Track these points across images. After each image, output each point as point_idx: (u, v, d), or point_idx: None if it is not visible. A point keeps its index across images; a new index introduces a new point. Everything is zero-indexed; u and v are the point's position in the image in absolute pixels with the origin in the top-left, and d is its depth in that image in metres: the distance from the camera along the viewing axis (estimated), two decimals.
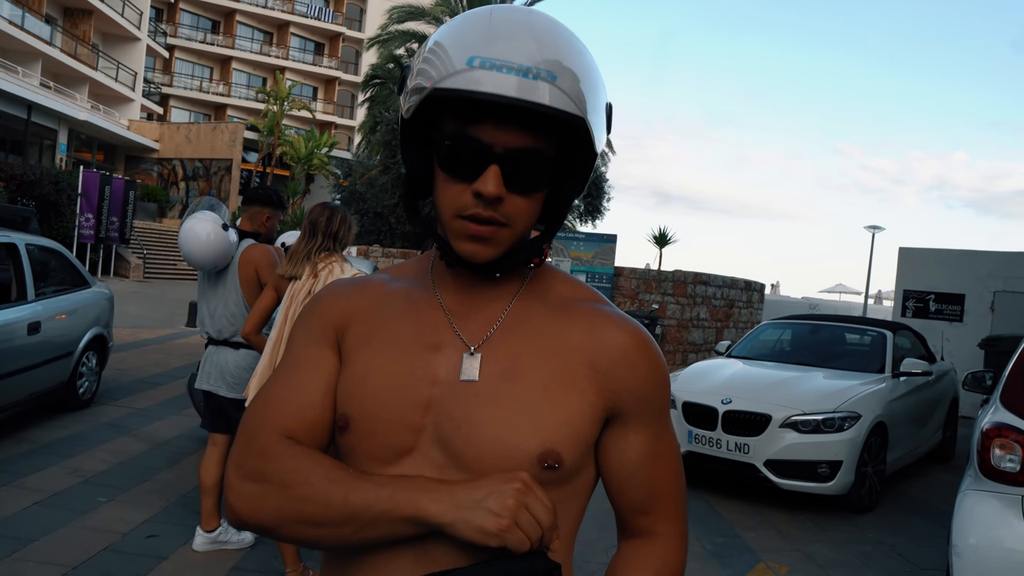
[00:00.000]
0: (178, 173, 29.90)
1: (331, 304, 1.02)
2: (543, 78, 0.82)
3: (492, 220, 0.87)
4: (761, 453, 5.28)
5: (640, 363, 0.95)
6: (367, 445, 0.92)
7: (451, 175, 0.88)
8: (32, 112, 23.00)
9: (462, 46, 0.84)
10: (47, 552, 3.48)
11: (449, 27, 0.89)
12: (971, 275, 10.95)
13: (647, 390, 0.96)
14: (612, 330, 0.96)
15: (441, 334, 0.95)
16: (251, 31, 39.10)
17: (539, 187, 0.90)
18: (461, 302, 0.97)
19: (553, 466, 0.89)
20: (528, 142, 0.86)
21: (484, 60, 0.82)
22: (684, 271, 13.20)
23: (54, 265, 6.13)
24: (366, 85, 22.03)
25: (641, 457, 0.97)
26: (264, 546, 3.77)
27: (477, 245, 0.89)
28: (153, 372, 8.08)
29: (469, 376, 0.92)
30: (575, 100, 0.84)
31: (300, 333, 1.02)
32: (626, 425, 0.96)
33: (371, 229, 16.78)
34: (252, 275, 3.64)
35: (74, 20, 27.76)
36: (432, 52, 0.87)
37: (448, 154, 0.88)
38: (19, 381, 5.17)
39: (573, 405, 0.92)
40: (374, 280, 1.04)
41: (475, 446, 0.89)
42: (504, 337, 0.95)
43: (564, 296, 1.00)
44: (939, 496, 6.00)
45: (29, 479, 4.43)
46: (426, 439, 0.91)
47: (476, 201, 0.87)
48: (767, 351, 7.10)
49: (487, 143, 0.86)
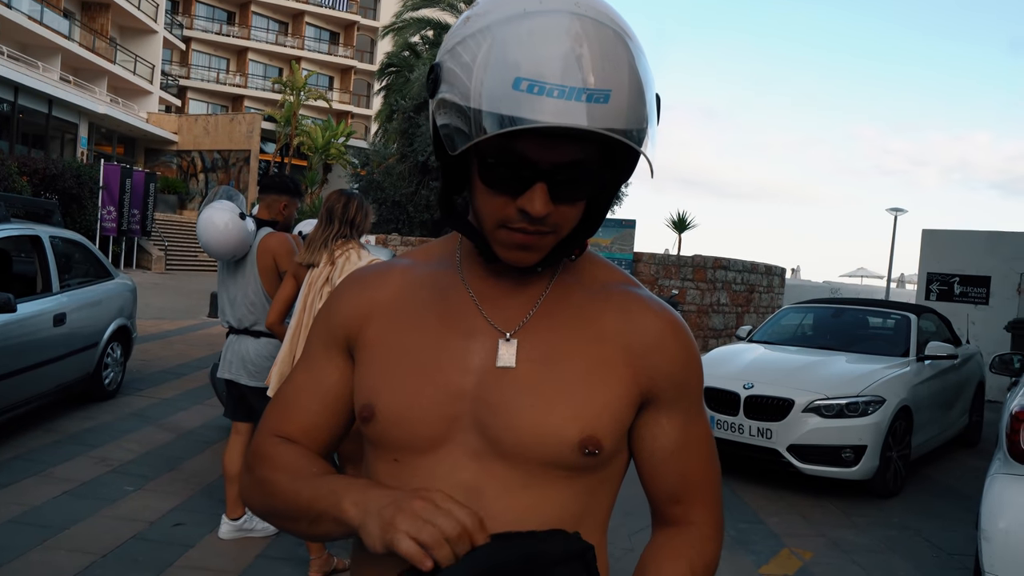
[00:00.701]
0: (197, 165, 30.11)
1: (348, 301, 1.00)
2: (596, 99, 0.75)
3: (537, 231, 0.85)
4: (784, 438, 5.24)
5: (675, 348, 0.95)
6: (397, 434, 0.91)
7: (494, 189, 0.85)
8: (53, 106, 23.24)
9: (504, 63, 0.76)
10: (77, 540, 3.54)
11: (486, 29, 0.79)
12: (997, 257, 10.76)
13: (682, 375, 0.95)
14: (647, 314, 0.95)
15: (472, 320, 0.94)
16: (266, 21, 39.16)
17: (585, 196, 0.87)
18: (491, 287, 0.95)
19: (593, 452, 0.89)
20: (575, 155, 0.82)
21: (532, 84, 0.74)
22: (704, 256, 13.10)
23: (78, 257, 6.21)
24: (382, 73, 22.01)
25: (674, 443, 0.96)
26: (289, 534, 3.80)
27: (523, 252, 0.88)
28: (176, 362, 8.17)
29: (506, 363, 0.91)
30: (628, 115, 0.78)
31: (317, 329, 1.03)
32: (660, 410, 0.95)
33: (389, 218, 16.82)
34: (270, 263, 3.65)
35: (91, 14, 27.96)
36: (467, 63, 0.79)
37: (492, 170, 0.83)
38: (46, 372, 5.25)
39: (612, 390, 0.91)
40: (396, 266, 1.02)
41: (515, 432, 0.88)
42: (540, 322, 0.93)
43: (600, 279, 0.98)
44: (965, 480, 5.93)
45: (58, 469, 4.50)
46: (461, 427, 0.90)
47: (522, 217, 0.84)
48: (789, 336, 7.03)
49: (533, 160, 0.81)
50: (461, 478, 0.88)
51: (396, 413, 0.91)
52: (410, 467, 0.91)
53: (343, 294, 1.02)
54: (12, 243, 5.58)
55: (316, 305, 3.16)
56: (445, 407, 0.90)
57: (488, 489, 0.88)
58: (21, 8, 22.77)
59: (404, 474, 0.91)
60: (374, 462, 0.95)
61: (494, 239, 0.88)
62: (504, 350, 0.91)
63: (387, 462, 0.93)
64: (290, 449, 0.96)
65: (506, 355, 0.91)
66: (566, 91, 0.74)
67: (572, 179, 0.83)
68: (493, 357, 0.91)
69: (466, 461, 0.89)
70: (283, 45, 38.63)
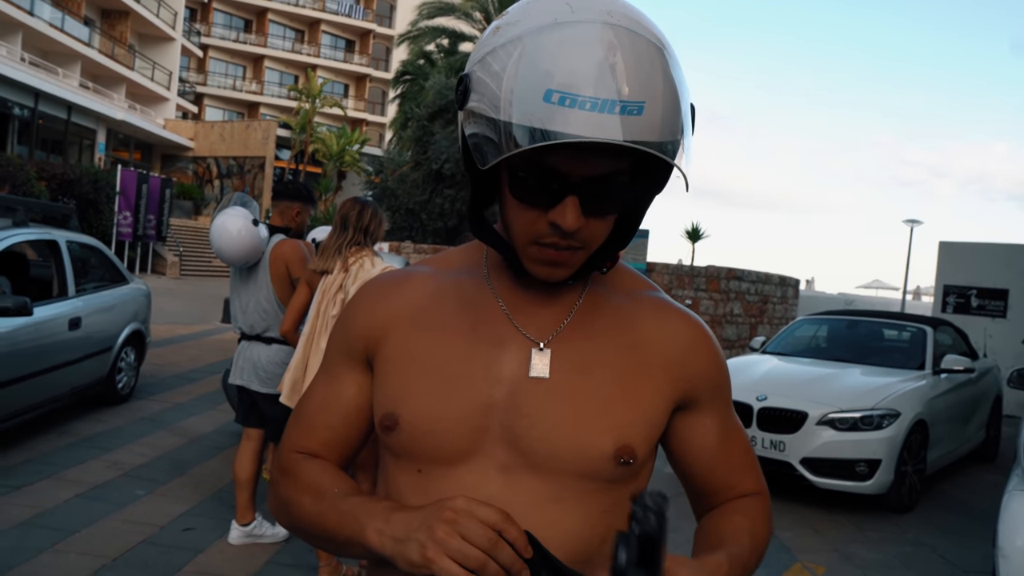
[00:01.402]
0: (212, 171, 30.36)
1: (365, 312, 0.99)
2: (630, 112, 0.73)
3: (569, 246, 0.84)
4: (797, 451, 5.19)
5: (707, 349, 0.97)
6: (422, 445, 0.90)
7: (525, 203, 0.83)
8: (72, 112, 23.53)
9: (535, 74, 0.74)
10: (87, 544, 3.55)
11: (516, 40, 0.77)
12: (1015, 270, 10.64)
13: (716, 375, 0.97)
14: (679, 319, 0.97)
15: (501, 330, 0.92)
16: (283, 29, 39.55)
17: (616, 211, 0.86)
18: (521, 297, 0.94)
19: (628, 461, 0.88)
20: (607, 168, 0.80)
21: (563, 96, 0.72)
22: (717, 266, 13.04)
23: (93, 262, 6.26)
24: (397, 82, 22.15)
25: (719, 438, 0.98)
26: (298, 540, 3.80)
27: (552, 269, 0.87)
28: (189, 368, 8.21)
29: (539, 373, 0.89)
30: (663, 128, 0.75)
31: (335, 341, 1.02)
32: (701, 411, 0.97)
33: (403, 225, 16.87)
34: (283, 270, 3.66)
35: (111, 21, 28.33)
36: (498, 73, 0.77)
37: (523, 183, 0.82)
38: (61, 375, 5.29)
39: (647, 399, 0.91)
40: (416, 274, 1.00)
41: (549, 444, 0.87)
42: (574, 331, 0.93)
43: (626, 287, 0.98)
44: (982, 496, 5.85)
45: (70, 471, 4.53)
46: (490, 439, 0.88)
47: (553, 231, 0.82)
48: (803, 347, 6.98)
49: (564, 173, 0.79)
50: (488, 491, 0.86)
51: (422, 423, 0.89)
52: (435, 479, 0.89)
53: (360, 304, 1.00)
54: (30, 247, 5.63)
55: (330, 312, 3.17)
56: (474, 418, 0.88)
57: (516, 503, 0.85)
58: (43, 16, 23.12)
59: (428, 486, 0.89)
60: (395, 473, 0.93)
61: (525, 255, 0.87)
62: (537, 360, 0.90)
63: (410, 473, 0.91)
64: (312, 467, 0.95)
65: (540, 365, 0.89)
66: (599, 103, 0.72)
67: (603, 193, 0.81)
68: (525, 367, 0.90)
69: (494, 474, 0.88)
70: (299, 53, 38.99)
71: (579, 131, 0.72)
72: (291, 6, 38.81)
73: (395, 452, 0.93)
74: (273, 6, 38.39)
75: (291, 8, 38.76)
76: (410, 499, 0.90)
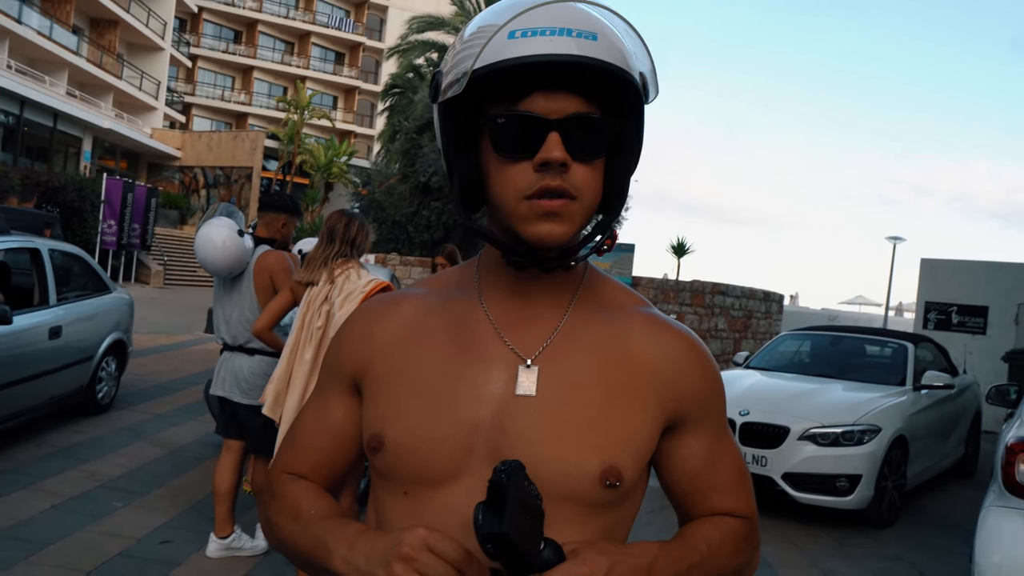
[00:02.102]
0: (199, 181, 30.22)
1: (354, 335, 0.99)
2: (586, 37, 0.81)
3: (562, 191, 0.83)
4: (779, 466, 5.21)
5: (699, 366, 0.94)
6: (408, 466, 0.88)
7: (509, 155, 0.84)
8: (58, 120, 23.38)
9: (497, 25, 0.83)
10: (62, 556, 3.50)
11: (480, 17, 0.87)
12: (995, 287, 10.77)
13: (708, 393, 0.94)
14: (670, 336, 0.94)
15: (490, 347, 0.91)
16: (273, 41, 39.56)
17: (598, 151, 0.86)
18: (511, 311, 0.93)
19: (614, 484, 0.86)
20: (581, 107, 0.84)
21: (524, 30, 0.81)
22: (702, 281, 13.11)
23: (76, 270, 6.21)
24: (386, 95, 22.17)
25: (703, 461, 0.95)
26: (277, 554, 3.76)
27: (551, 224, 0.84)
28: (171, 378, 8.15)
29: (526, 391, 0.87)
30: (620, 57, 0.83)
31: (326, 362, 1.03)
32: (688, 431, 0.94)
33: (389, 237, 16.84)
34: (267, 281, 3.65)
35: (100, 30, 28.22)
36: (468, 40, 0.85)
37: (503, 133, 0.84)
38: (40, 385, 5.23)
39: (635, 419, 0.89)
40: (408, 296, 0.99)
41: (534, 464, 0.83)
42: (562, 348, 0.90)
43: (617, 302, 0.96)
44: (961, 512, 5.89)
45: (47, 482, 4.47)
46: (477, 459, 0.86)
47: (542, 174, 0.83)
48: (786, 362, 7.02)
49: (541, 114, 0.83)
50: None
51: (407, 444, 0.88)
52: (421, 501, 0.88)
53: (350, 328, 1.00)
54: (11, 255, 5.59)
55: (314, 323, 3.16)
56: (460, 438, 0.87)
57: None
58: (31, 23, 23.00)
59: (415, 509, 0.88)
60: (383, 496, 0.92)
61: (518, 217, 0.85)
62: (524, 377, 0.88)
63: (396, 495, 0.90)
64: (295, 488, 0.96)
65: (526, 383, 0.88)
66: (557, 30, 0.81)
67: (584, 131, 0.84)
68: (512, 385, 0.88)
69: (479, 495, 0.84)
70: (289, 64, 38.99)
71: (544, 50, 0.80)
72: (281, 18, 38.84)
73: (382, 474, 0.92)
74: (263, 18, 38.41)
75: (281, 20, 38.79)
76: (397, 522, 0.88)
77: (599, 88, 0.85)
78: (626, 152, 0.90)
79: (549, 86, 0.83)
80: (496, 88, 0.84)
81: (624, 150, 0.90)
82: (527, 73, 0.82)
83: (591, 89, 0.84)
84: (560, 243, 0.86)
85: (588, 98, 0.84)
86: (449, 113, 0.87)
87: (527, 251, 0.87)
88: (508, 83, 0.83)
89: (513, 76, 0.82)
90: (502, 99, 0.84)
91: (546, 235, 0.84)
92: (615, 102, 0.87)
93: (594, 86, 0.84)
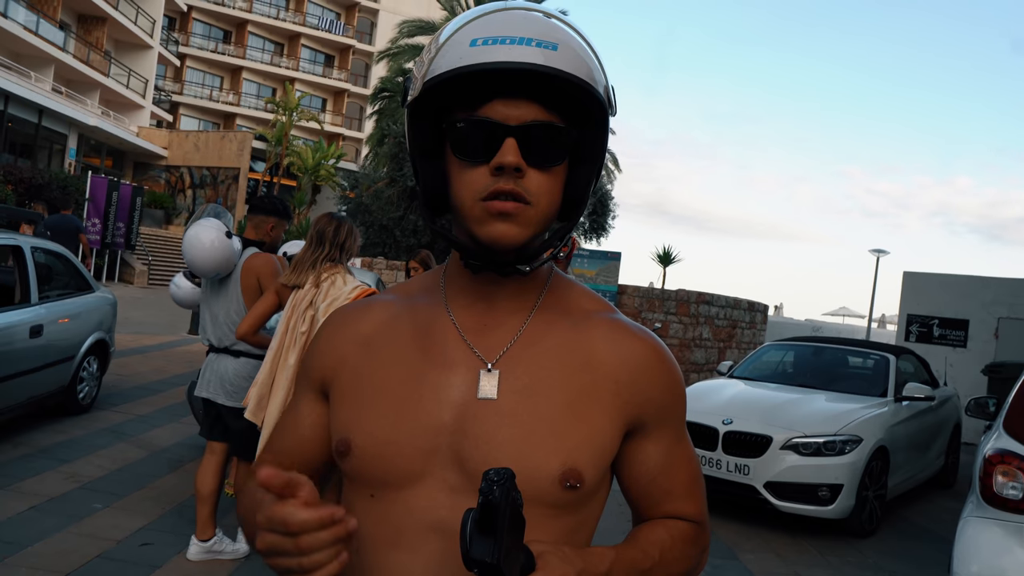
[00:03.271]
0: (185, 180, 30.01)
1: (324, 342, 1.01)
2: (546, 47, 0.84)
3: (515, 195, 0.85)
4: (761, 475, 5.24)
5: (660, 373, 0.95)
6: (373, 470, 0.90)
7: (467, 159, 0.87)
8: (43, 116, 23.15)
9: (463, 36, 0.86)
10: (41, 558, 3.46)
11: (447, 27, 0.90)
12: (976, 301, 10.91)
13: (667, 400, 0.96)
14: (632, 341, 0.95)
15: (453, 351, 0.92)
16: (262, 42, 39.41)
17: (557, 159, 0.88)
18: (475, 316, 0.94)
19: (575, 486, 0.87)
20: (540, 115, 0.86)
21: (486, 39, 0.84)
22: (687, 290, 13.18)
23: (59, 269, 6.15)
24: (375, 98, 22.14)
25: (659, 466, 0.96)
26: (258, 557, 3.74)
27: (503, 224, 0.86)
28: (154, 379, 8.07)
29: (487, 394, 0.89)
30: (578, 67, 0.85)
31: (300, 368, 1.07)
32: (646, 436, 0.95)
33: (376, 241, 16.81)
34: (254, 283, 3.64)
35: (88, 27, 28.00)
36: (434, 49, 0.88)
37: (462, 137, 0.87)
38: (19, 384, 5.17)
39: (596, 422, 0.90)
40: (378, 302, 1.02)
41: (494, 466, 0.85)
42: (524, 352, 0.92)
43: (583, 308, 0.98)
44: (940, 522, 5.95)
45: (25, 483, 4.42)
46: (439, 462, 0.88)
47: (495, 177, 0.85)
48: (769, 372, 7.07)
49: (499, 120, 0.85)
50: (438, 515, 0.86)
51: (372, 448, 0.89)
52: (387, 503, 0.89)
53: (321, 335, 1.03)
54: None
55: (299, 328, 3.16)
56: (423, 441, 0.88)
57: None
58: (17, 18, 22.77)
59: (380, 510, 0.89)
60: (351, 499, 0.94)
61: (473, 218, 0.87)
62: (485, 381, 0.89)
63: (364, 498, 0.91)
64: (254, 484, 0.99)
65: (487, 386, 0.89)
66: (518, 39, 0.83)
67: (541, 139, 0.86)
68: (475, 389, 0.89)
69: (443, 497, 0.87)
70: (278, 66, 38.85)
71: (505, 58, 0.82)
72: (271, 19, 38.70)
73: (350, 477, 0.94)
74: (253, 18, 38.26)
75: (271, 21, 38.66)
76: (364, 524, 0.90)
77: (562, 98, 0.87)
78: (588, 162, 0.92)
79: (509, 94, 0.85)
80: (459, 94, 0.87)
81: (586, 160, 0.91)
82: (488, 80, 0.84)
83: (553, 99, 0.86)
84: (513, 244, 0.87)
85: (550, 107, 0.87)
86: (415, 118, 0.90)
87: (483, 253, 0.89)
88: (470, 90, 0.86)
89: (474, 83, 0.85)
90: (464, 105, 0.87)
91: (499, 236, 0.86)
92: (580, 112, 0.89)
93: (556, 96, 0.86)
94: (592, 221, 19.06)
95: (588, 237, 19.54)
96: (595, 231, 19.40)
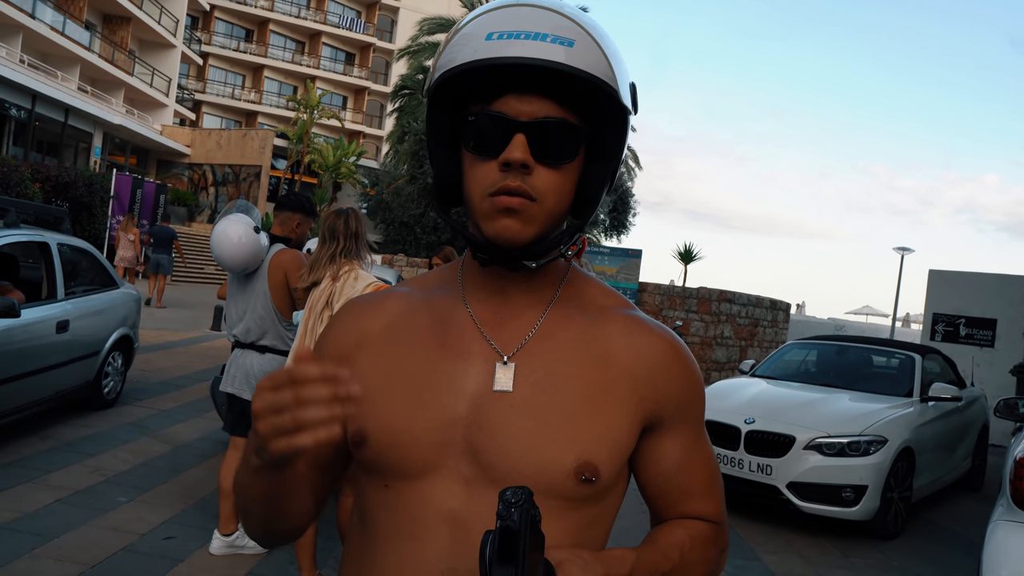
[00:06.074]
0: (208, 178, 30.33)
1: (338, 332, 1.00)
2: (563, 43, 0.82)
3: (521, 192, 0.85)
4: (784, 475, 5.19)
5: (679, 370, 0.94)
6: (388, 460, 0.90)
7: (478, 153, 0.87)
8: (69, 115, 23.50)
9: (480, 28, 0.85)
10: (66, 550, 3.51)
11: (466, 19, 0.90)
12: (1003, 299, 10.71)
13: (686, 397, 0.95)
14: (650, 337, 0.94)
15: (470, 343, 0.92)
16: (284, 40, 39.71)
17: (567, 157, 0.88)
18: (492, 309, 0.94)
19: (590, 479, 0.87)
20: (552, 111, 0.85)
21: (502, 33, 0.83)
22: (709, 288, 13.09)
23: (84, 265, 6.23)
24: (395, 95, 22.23)
25: (677, 464, 0.95)
26: (280, 552, 3.76)
27: (508, 219, 0.86)
28: (177, 374, 8.16)
29: (503, 386, 0.89)
30: (594, 65, 0.84)
31: (316, 356, 1.04)
32: (664, 433, 0.94)
33: (396, 239, 16.88)
34: (281, 279, 3.66)
35: (112, 27, 28.38)
36: (451, 41, 0.88)
37: (474, 131, 0.87)
38: (46, 379, 5.24)
39: (613, 417, 0.90)
40: (394, 294, 1.02)
41: (509, 458, 0.86)
42: (540, 345, 0.92)
43: (599, 303, 0.97)
44: (967, 525, 5.85)
45: (52, 476, 4.48)
46: (454, 453, 0.88)
47: (504, 173, 0.85)
48: (792, 371, 6.99)
49: (511, 115, 0.85)
50: (451, 506, 0.86)
51: (388, 438, 0.89)
52: (401, 493, 0.89)
53: (335, 326, 1.02)
54: (20, 249, 5.60)
55: (317, 329, 3.17)
56: (437, 432, 0.88)
57: (477, 519, 0.84)
58: (44, 18, 23.14)
59: (394, 501, 0.89)
60: (366, 490, 0.94)
61: (481, 213, 0.87)
62: (501, 373, 0.89)
63: (378, 488, 0.91)
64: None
65: (503, 378, 0.89)
66: (533, 34, 0.82)
67: (551, 136, 0.85)
68: (490, 381, 0.89)
69: (457, 489, 0.87)
70: (299, 64, 39.13)
71: (519, 53, 0.82)
72: (293, 18, 39.00)
73: (365, 468, 0.93)
74: (275, 17, 38.58)
75: (293, 20, 38.95)
76: (377, 514, 0.90)
77: (577, 95, 0.86)
78: (604, 160, 0.90)
79: (522, 89, 0.85)
80: (476, 88, 0.87)
81: (602, 158, 0.90)
82: (502, 75, 0.84)
83: (569, 95, 0.86)
84: (518, 240, 0.87)
85: (565, 104, 0.86)
86: (432, 109, 0.91)
87: (490, 248, 0.89)
88: (485, 83, 0.86)
89: (489, 77, 0.84)
90: (479, 98, 0.87)
91: (503, 230, 0.86)
92: (597, 110, 0.88)
93: (572, 92, 0.85)
94: (613, 218, 18.99)
95: (608, 235, 19.47)
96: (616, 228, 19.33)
